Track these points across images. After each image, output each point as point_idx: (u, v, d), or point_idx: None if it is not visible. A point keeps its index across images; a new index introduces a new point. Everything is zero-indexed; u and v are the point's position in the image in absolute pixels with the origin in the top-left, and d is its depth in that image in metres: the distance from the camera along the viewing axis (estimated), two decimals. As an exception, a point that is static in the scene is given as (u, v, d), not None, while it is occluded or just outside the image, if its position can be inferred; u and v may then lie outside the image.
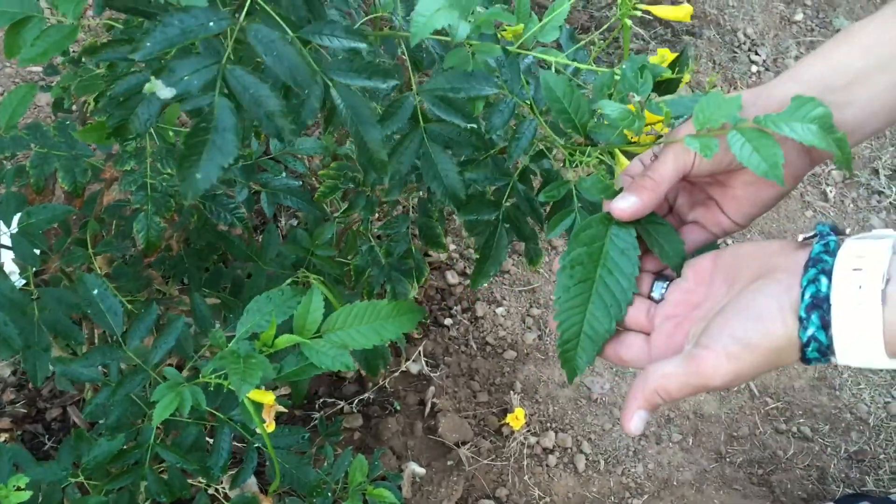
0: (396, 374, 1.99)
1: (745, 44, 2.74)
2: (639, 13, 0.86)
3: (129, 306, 1.35)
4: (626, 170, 0.76)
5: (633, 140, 0.75)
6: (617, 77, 0.74)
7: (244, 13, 0.63)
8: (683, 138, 0.64)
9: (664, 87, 0.81)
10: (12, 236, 1.16)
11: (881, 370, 2.15)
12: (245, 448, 1.18)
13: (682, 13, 0.90)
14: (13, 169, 1.27)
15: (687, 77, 1.13)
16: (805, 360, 0.57)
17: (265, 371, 0.95)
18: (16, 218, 1.20)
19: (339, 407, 1.93)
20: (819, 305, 0.55)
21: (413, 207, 1.26)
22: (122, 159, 1.22)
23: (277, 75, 0.65)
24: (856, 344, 0.54)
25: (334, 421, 1.89)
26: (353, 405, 1.94)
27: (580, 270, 0.70)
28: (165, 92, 0.60)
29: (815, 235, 0.61)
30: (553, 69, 0.87)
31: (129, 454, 1.09)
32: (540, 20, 0.91)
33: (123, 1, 0.75)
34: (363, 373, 1.97)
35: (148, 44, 0.60)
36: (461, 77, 0.83)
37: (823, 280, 0.56)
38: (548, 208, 0.91)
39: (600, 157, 0.78)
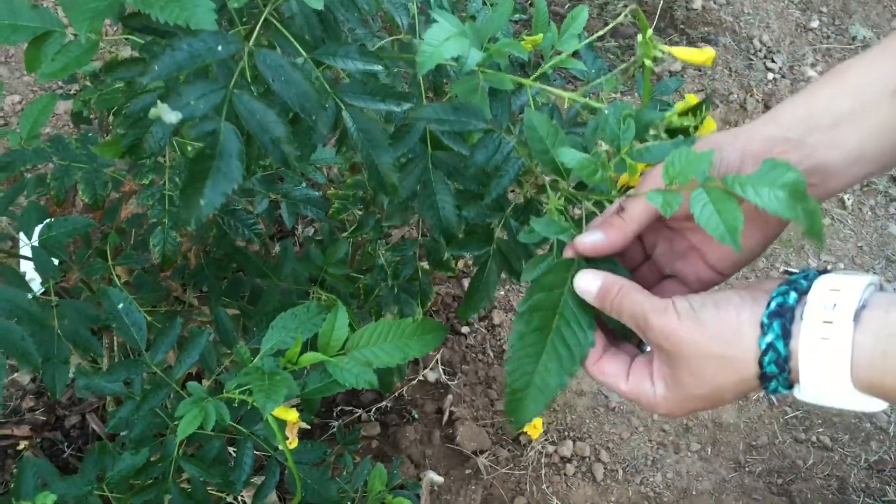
0: (414, 382, 1.99)
1: (760, 51, 2.72)
2: (661, 54, 0.84)
3: (149, 318, 1.35)
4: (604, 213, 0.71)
5: (628, 185, 0.71)
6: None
7: (254, 36, 0.63)
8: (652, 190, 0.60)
9: (681, 133, 0.78)
10: (33, 248, 1.16)
11: None
12: (266, 458, 1.18)
13: (703, 57, 0.88)
14: (34, 178, 1.28)
15: (712, 125, 1.11)
16: (763, 376, 0.54)
17: (290, 389, 0.95)
18: (37, 229, 1.20)
19: (357, 415, 1.93)
20: (782, 314, 0.53)
21: (422, 230, 1.26)
22: (140, 172, 1.23)
23: (285, 101, 0.64)
24: (820, 363, 0.51)
25: (352, 429, 1.89)
26: (371, 413, 1.93)
27: (538, 318, 0.65)
28: (171, 116, 0.60)
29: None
30: (566, 103, 0.86)
31: (153, 468, 1.09)
32: (558, 30, 0.90)
33: (138, 20, 0.74)
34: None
35: (156, 67, 0.60)
36: (449, 110, 0.79)
37: (792, 294, 0.53)
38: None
39: (576, 198, 0.73)
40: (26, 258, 1.20)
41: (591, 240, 0.64)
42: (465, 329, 2.09)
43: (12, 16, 0.78)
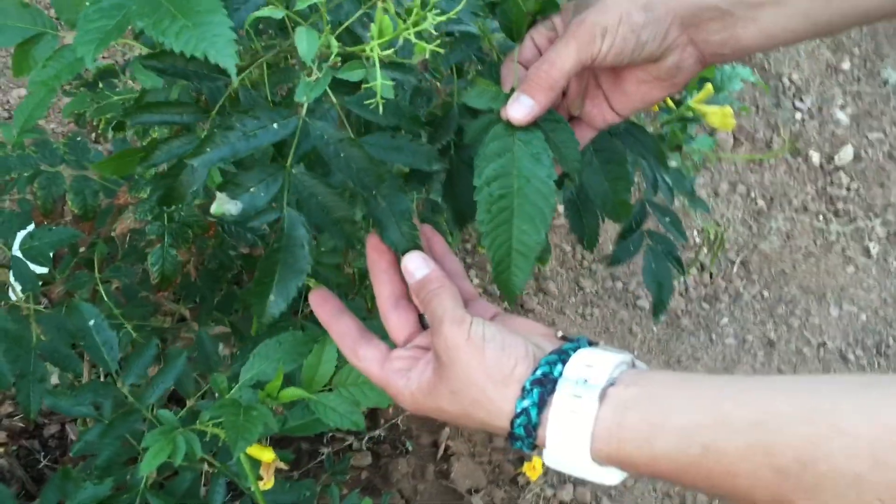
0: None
1: (789, 89, 2.66)
2: (690, 114, 0.83)
3: (135, 334, 1.28)
4: (520, 54, 0.71)
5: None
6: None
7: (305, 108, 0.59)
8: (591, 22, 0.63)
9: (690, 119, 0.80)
10: (13, 259, 1.09)
11: None
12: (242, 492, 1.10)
13: (724, 119, 0.85)
14: (25, 178, 1.21)
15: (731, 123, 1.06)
16: (511, 434, 0.56)
17: (267, 426, 0.88)
18: (20, 236, 1.13)
19: (349, 443, 1.86)
20: (544, 384, 0.55)
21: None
22: (138, 185, 1.15)
23: (343, 178, 0.62)
24: (563, 435, 0.54)
25: (342, 458, 1.83)
26: (364, 442, 1.87)
27: (497, 186, 0.66)
28: (232, 208, 0.57)
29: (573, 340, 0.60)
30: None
31: (117, 500, 1.02)
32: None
33: (160, 61, 0.68)
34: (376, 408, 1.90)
35: (209, 150, 0.57)
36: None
37: (558, 366, 0.56)
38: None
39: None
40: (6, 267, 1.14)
41: (524, 110, 0.65)
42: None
43: (-1, 15, 0.70)
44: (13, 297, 1.12)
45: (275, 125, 0.59)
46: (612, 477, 0.56)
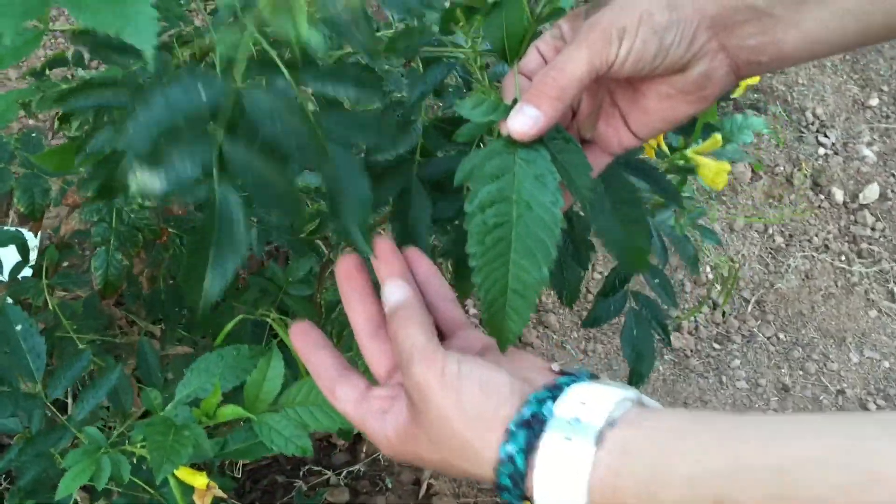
0: (394, 446, 1.79)
1: (813, 124, 2.56)
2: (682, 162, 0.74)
3: (82, 346, 1.18)
4: (522, 64, 0.62)
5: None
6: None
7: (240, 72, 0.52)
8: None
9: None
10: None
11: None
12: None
13: (717, 176, 0.76)
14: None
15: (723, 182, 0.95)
16: (498, 485, 0.49)
17: (198, 448, 0.77)
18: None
19: (326, 477, 1.76)
20: (532, 425, 0.48)
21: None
22: (87, 184, 1.06)
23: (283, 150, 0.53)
24: (554, 485, 0.47)
25: (316, 493, 1.72)
26: (341, 477, 1.76)
27: (492, 213, 0.57)
28: (154, 184, 0.49)
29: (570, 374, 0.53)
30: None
31: None
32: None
33: (86, 38, 0.63)
34: (359, 436, 1.80)
35: (131, 129, 0.49)
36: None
37: (549, 403, 0.49)
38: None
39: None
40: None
41: (528, 122, 0.56)
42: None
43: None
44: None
45: (202, 93, 0.50)
46: None
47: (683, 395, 2.03)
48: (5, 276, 1.15)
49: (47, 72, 1.10)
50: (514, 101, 0.57)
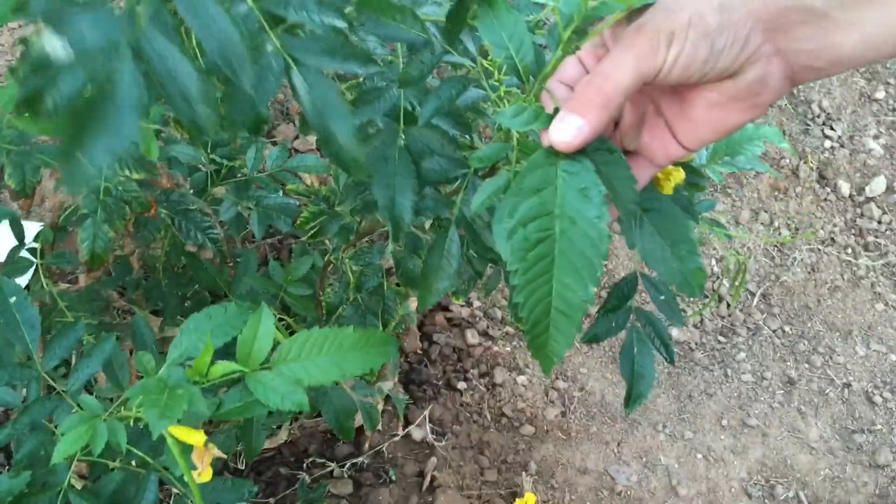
0: (398, 438, 1.80)
1: (819, 116, 2.56)
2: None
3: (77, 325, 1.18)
4: (560, 73, 0.59)
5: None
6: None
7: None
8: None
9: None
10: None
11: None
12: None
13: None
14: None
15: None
16: None
17: (194, 405, 0.77)
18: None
19: (330, 469, 1.75)
20: None
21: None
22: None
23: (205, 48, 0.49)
24: None
25: (319, 485, 1.71)
26: (345, 469, 1.75)
27: (534, 228, 0.55)
28: (57, 47, 0.44)
29: None
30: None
31: (36, 497, 0.92)
32: None
33: None
34: (362, 428, 1.79)
35: None
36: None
37: None
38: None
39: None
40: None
41: (571, 132, 0.54)
42: (461, 385, 1.90)
43: None
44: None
45: None
46: None
47: (689, 388, 2.03)
48: (2, 257, 1.15)
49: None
50: (556, 110, 0.55)
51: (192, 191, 1.24)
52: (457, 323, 2.01)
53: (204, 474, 0.83)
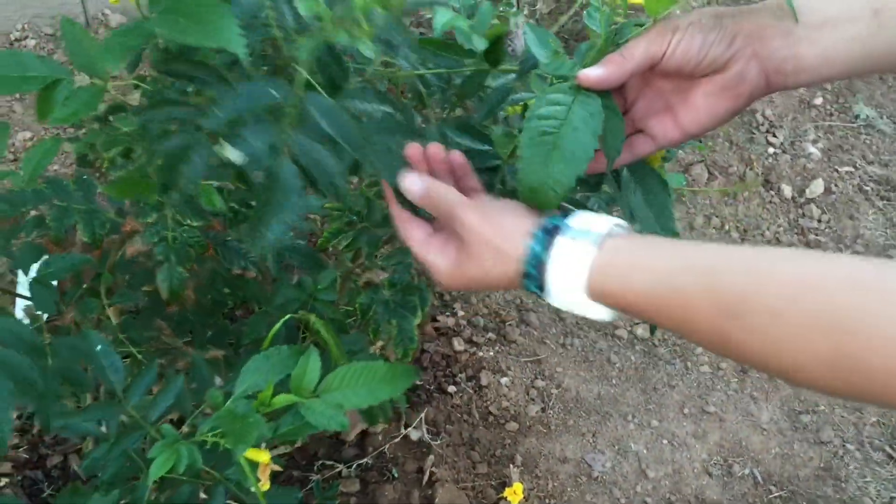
0: (397, 440, 1.96)
1: (762, 125, 2.74)
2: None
3: (140, 356, 1.37)
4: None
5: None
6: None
7: (297, 82, 0.69)
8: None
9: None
10: (32, 283, 1.18)
11: (887, 466, 2.12)
12: (237, 505, 1.17)
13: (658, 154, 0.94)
14: (32, 219, 1.30)
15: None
16: (524, 273, 0.68)
17: (261, 431, 0.95)
18: (33, 268, 1.22)
19: (338, 470, 1.90)
20: (551, 232, 0.67)
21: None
22: (144, 212, 1.25)
23: (334, 139, 0.70)
24: (562, 271, 0.66)
25: (331, 484, 1.87)
26: (352, 469, 1.91)
27: (547, 124, 0.73)
28: (235, 156, 0.65)
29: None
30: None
31: None
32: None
33: (175, 66, 0.79)
34: (365, 433, 1.97)
35: (218, 112, 0.67)
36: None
37: (564, 220, 0.68)
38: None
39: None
40: (21, 296, 1.21)
41: (595, 72, 0.72)
42: (451, 388, 2.08)
43: (20, 68, 0.82)
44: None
45: (273, 91, 0.69)
46: (602, 313, 0.67)
47: (653, 381, 2.21)
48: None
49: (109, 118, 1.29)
50: (585, 65, 0.75)
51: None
52: (444, 332, 2.16)
53: (265, 485, 1.01)
